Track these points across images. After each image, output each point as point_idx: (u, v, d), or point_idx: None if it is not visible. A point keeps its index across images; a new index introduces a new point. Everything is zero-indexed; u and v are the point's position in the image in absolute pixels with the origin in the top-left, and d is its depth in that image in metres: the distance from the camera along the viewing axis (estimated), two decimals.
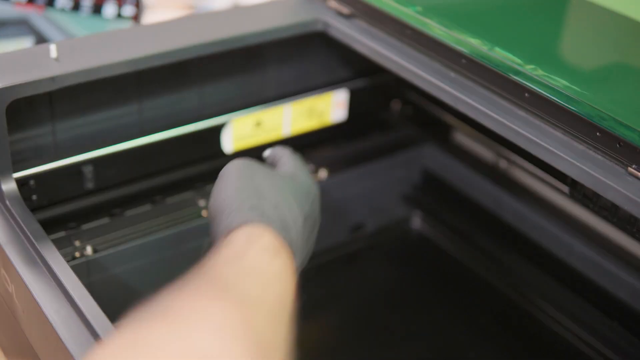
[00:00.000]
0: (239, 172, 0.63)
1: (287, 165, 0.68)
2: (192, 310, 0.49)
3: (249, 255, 0.56)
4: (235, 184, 0.61)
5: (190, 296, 0.50)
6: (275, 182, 0.63)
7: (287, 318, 0.56)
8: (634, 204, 0.56)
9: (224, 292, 0.52)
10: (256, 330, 0.51)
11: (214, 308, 0.50)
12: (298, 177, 0.67)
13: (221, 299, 0.51)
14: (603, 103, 0.64)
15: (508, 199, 0.96)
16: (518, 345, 0.89)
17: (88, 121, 0.79)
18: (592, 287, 0.88)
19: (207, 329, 0.48)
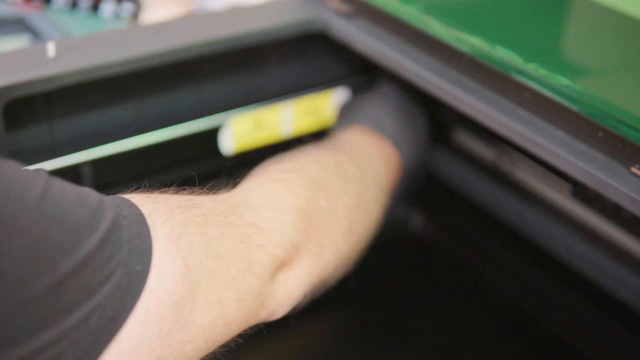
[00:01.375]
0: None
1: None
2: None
3: (363, 143, 0.77)
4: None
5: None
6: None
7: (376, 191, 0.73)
8: (637, 204, 0.56)
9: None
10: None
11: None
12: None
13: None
14: (605, 102, 0.64)
15: (509, 199, 0.96)
16: (519, 345, 0.89)
17: (86, 121, 0.79)
18: (593, 287, 0.87)
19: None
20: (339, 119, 0.86)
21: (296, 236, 0.60)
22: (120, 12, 0.93)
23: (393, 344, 0.88)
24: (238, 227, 0.56)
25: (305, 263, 0.61)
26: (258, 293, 0.57)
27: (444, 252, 1.01)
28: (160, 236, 0.50)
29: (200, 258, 0.51)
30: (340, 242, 0.65)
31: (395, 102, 0.83)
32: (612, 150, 0.59)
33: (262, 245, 0.57)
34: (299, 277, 0.61)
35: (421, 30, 0.74)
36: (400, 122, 0.81)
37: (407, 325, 0.90)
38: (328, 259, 0.64)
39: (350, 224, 0.67)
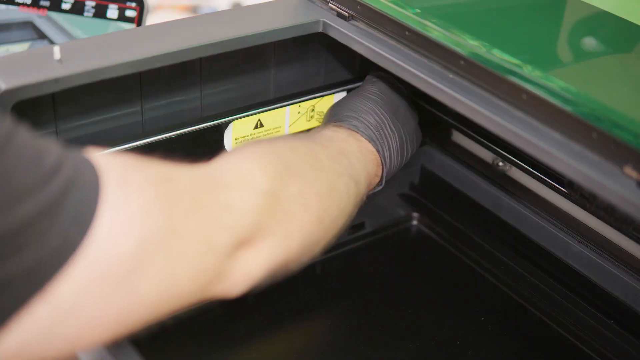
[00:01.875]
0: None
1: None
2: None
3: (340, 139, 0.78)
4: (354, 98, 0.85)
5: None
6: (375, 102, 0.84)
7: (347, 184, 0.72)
8: (630, 203, 0.56)
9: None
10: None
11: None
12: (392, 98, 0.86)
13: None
14: (599, 104, 0.65)
15: (506, 199, 0.97)
16: (516, 342, 0.89)
17: (91, 122, 0.80)
18: (589, 285, 0.88)
19: None
20: (324, 119, 0.88)
21: (263, 219, 0.60)
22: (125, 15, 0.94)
23: (393, 342, 0.88)
24: (207, 207, 0.56)
25: (268, 245, 0.61)
26: (215, 269, 0.57)
27: (442, 251, 1.02)
28: (118, 206, 0.49)
29: (159, 235, 0.51)
30: (308, 229, 0.65)
31: (379, 98, 0.84)
32: (605, 151, 0.59)
33: (227, 226, 0.57)
34: (260, 258, 0.61)
35: (419, 32, 0.75)
36: (383, 117, 0.83)
37: (407, 323, 0.91)
38: (293, 245, 0.64)
39: (320, 213, 0.67)
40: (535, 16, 0.83)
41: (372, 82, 0.87)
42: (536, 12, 0.84)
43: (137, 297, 0.51)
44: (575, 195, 0.86)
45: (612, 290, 0.86)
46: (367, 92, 0.85)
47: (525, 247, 0.95)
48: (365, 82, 0.88)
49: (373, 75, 0.88)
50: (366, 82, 0.88)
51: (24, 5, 0.93)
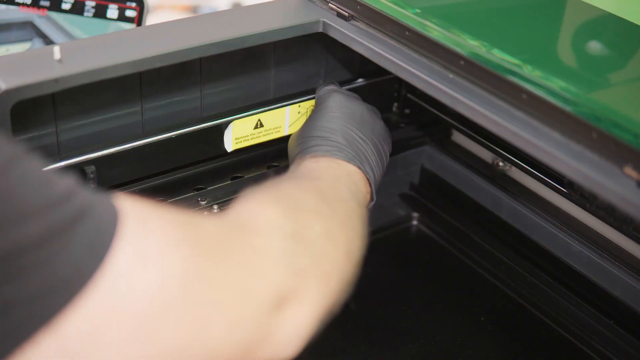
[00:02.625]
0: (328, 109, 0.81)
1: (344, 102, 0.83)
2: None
3: (332, 171, 0.75)
4: (326, 117, 0.80)
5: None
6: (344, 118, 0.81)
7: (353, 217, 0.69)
8: (630, 203, 0.56)
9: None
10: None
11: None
12: (357, 110, 0.82)
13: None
14: (599, 104, 0.65)
15: (506, 199, 0.97)
16: (516, 342, 0.90)
17: (91, 122, 0.80)
18: (589, 285, 0.88)
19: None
20: (290, 148, 0.83)
21: (299, 263, 0.57)
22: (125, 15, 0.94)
23: (393, 342, 0.88)
24: (236, 251, 0.53)
25: (312, 293, 0.57)
26: (256, 322, 0.52)
27: (442, 250, 1.02)
28: (137, 241, 0.46)
29: (183, 276, 0.48)
30: (342, 264, 0.62)
31: (339, 113, 0.81)
32: (605, 151, 0.59)
33: (262, 271, 0.53)
34: (307, 308, 0.56)
35: (419, 32, 0.75)
36: (351, 132, 0.79)
37: (407, 323, 0.91)
38: (334, 284, 0.60)
39: (346, 245, 0.64)
40: (535, 16, 0.83)
41: (327, 96, 0.83)
42: (536, 12, 0.84)
43: (159, 345, 0.47)
44: (575, 195, 0.86)
45: (612, 290, 0.86)
46: (327, 110, 0.81)
47: (525, 247, 0.95)
48: (320, 99, 0.84)
49: (325, 89, 0.85)
50: (321, 99, 0.84)
51: (24, 5, 0.93)
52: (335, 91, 0.84)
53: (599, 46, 0.79)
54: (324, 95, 0.84)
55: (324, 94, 0.84)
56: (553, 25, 0.83)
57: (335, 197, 0.70)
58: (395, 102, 1.04)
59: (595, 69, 0.75)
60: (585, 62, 0.77)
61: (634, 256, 0.85)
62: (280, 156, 0.93)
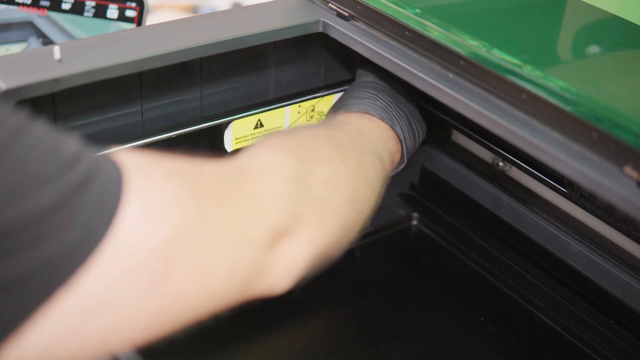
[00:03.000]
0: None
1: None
2: None
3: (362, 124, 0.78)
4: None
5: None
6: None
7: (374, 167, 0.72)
8: (629, 203, 0.56)
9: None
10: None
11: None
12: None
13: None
14: (599, 104, 0.65)
15: (506, 199, 0.97)
16: (515, 342, 0.90)
17: (91, 122, 0.80)
18: (589, 285, 0.88)
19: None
20: (329, 113, 0.88)
21: (295, 205, 0.59)
22: (125, 15, 0.94)
23: (393, 342, 0.88)
24: (235, 196, 0.55)
25: (307, 233, 0.59)
26: (252, 262, 0.55)
27: (442, 250, 1.02)
28: (143, 196, 0.48)
29: (189, 225, 0.50)
30: (343, 211, 0.64)
31: (379, 86, 0.85)
32: (605, 151, 0.60)
33: (259, 214, 0.56)
34: (301, 247, 0.59)
35: (419, 32, 0.75)
36: (388, 102, 0.83)
37: (407, 323, 0.91)
38: (331, 229, 0.62)
39: (352, 194, 0.66)
40: (535, 16, 0.83)
41: (367, 74, 0.87)
42: (536, 12, 0.84)
43: (170, 293, 0.49)
44: (575, 195, 0.86)
45: (612, 290, 0.86)
46: (366, 83, 0.85)
47: (525, 247, 0.95)
48: (361, 75, 0.88)
49: (365, 69, 0.88)
50: (361, 75, 0.88)
51: (24, 5, 0.93)
52: (374, 69, 0.86)
53: (599, 46, 0.79)
54: (364, 71, 0.87)
55: (364, 70, 0.88)
56: (553, 25, 0.83)
57: (351, 147, 0.70)
58: None
59: (595, 69, 0.75)
60: (586, 62, 0.77)
61: (634, 256, 0.85)
62: None
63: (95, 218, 0.46)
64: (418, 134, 0.85)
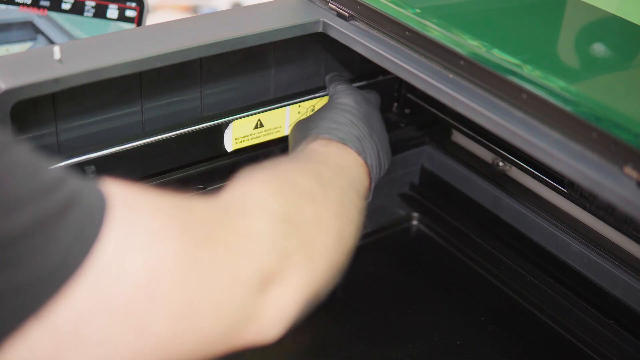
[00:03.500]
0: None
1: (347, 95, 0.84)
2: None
3: (331, 154, 0.75)
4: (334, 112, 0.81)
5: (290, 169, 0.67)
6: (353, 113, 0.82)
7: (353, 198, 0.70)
8: (629, 203, 0.56)
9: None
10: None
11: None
12: (359, 103, 0.84)
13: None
14: (599, 104, 0.65)
15: (506, 199, 0.97)
16: (515, 342, 0.90)
17: (91, 122, 0.80)
18: (589, 285, 0.88)
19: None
20: (294, 134, 0.84)
21: (284, 245, 0.57)
22: (125, 15, 0.94)
23: (393, 342, 0.88)
24: (224, 234, 0.53)
25: (296, 275, 0.57)
26: (241, 305, 0.52)
27: (442, 250, 1.02)
28: (125, 228, 0.46)
29: (171, 261, 0.47)
30: (330, 250, 0.62)
31: (355, 110, 0.82)
32: (605, 151, 0.60)
33: (249, 254, 0.53)
34: (290, 291, 0.56)
35: (419, 32, 0.75)
36: (362, 130, 0.80)
37: (407, 323, 0.91)
38: (320, 269, 0.60)
39: (337, 231, 0.64)
40: (535, 16, 0.83)
41: (344, 94, 0.84)
42: (536, 12, 0.84)
43: (149, 333, 0.47)
44: (575, 195, 0.86)
45: (612, 290, 0.86)
46: (343, 106, 0.82)
47: (525, 247, 0.95)
48: (337, 94, 0.85)
49: (342, 86, 0.86)
50: (338, 94, 0.85)
51: (24, 5, 0.93)
52: (355, 90, 0.85)
53: (599, 46, 0.79)
54: (342, 92, 0.85)
55: (342, 90, 0.85)
56: (553, 25, 0.83)
57: (334, 184, 0.69)
58: (395, 102, 1.04)
59: (595, 69, 0.75)
60: (586, 62, 0.77)
61: (634, 256, 0.85)
62: (280, 156, 0.94)
63: (74, 245, 0.44)
64: (383, 166, 0.83)
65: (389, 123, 1.04)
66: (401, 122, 1.04)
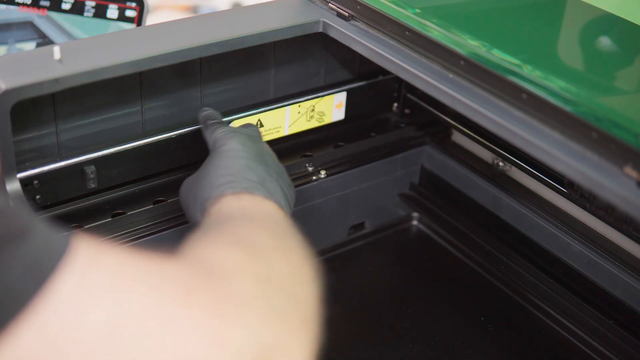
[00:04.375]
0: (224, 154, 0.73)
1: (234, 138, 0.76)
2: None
3: (252, 212, 0.66)
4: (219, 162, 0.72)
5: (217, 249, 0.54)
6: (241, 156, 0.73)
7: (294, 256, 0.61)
8: (629, 203, 0.56)
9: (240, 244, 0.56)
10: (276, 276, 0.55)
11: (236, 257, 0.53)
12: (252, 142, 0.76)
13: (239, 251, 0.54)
14: (599, 104, 0.65)
15: (506, 199, 0.97)
16: (516, 342, 0.90)
17: (91, 122, 0.80)
18: (589, 285, 0.88)
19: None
20: (188, 196, 0.74)
21: (277, 308, 0.51)
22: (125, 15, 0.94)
23: (393, 342, 0.88)
24: (205, 295, 0.47)
25: (298, 339, 0.52)
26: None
27: (442, 250, 1.02)
28: (85, 275, 0.42)
29: (141, 318, 0.43)
30: (311, 301, 0.56)
31: (241, 155, 0.73)
32: (605, 151, 0.60)
33: (240, 320, 0.47)
34: (297, 358, 0.51)
35: (419, 32, 0.75)
36: (256, 173, 0.71)
37: (407, 323, 0.91)
38: (313, 327, 0.55)
39: (309, 281, 0.58)
40: (535, 16, 0.83)
41: (228, 137, 0.75)
42: (536, 12, 0.84)
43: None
44: (575, 195, 0.86)
45: (612, 290, 0.86)
46: (231, 151, 0.73)
47: (525, 247, 0.95)
48: (220, 139, 0.75)
49: (221, 129, 0.77)
50: (221, 139, 0.75)
51: (24, 5, 0.93)
52: (236, 131, 0.77)
53: (600, 46, 0.79)
54: (224, 136, 0.75)
55: (224, 135, 0.76)
56: (553, 25, 0.83)
57: (285, 234, 0.63)
58: (395, 102, 1.04)
59: (595, 69, 0.75)
60: (585, 62, 0.77)
61: (634, 256, 0.85)
62: (280, 156, 0.93)
63: (23, 277, 0.40)
64: (291, 200, 0.75)
65: (389, 123, 1.04)
66: (401, 122, 1.04)
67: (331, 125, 0.98)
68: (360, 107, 1.00)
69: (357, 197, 1.00)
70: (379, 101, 1.03)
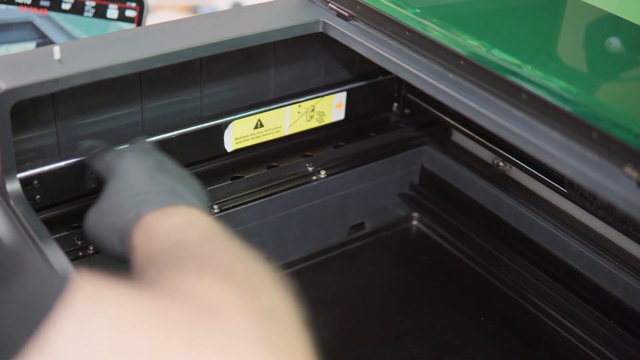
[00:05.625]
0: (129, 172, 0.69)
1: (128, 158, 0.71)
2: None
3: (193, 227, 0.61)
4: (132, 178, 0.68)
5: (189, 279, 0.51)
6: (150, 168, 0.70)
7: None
8: (629, 203, 0.56)
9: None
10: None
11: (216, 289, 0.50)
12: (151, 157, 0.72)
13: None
14: (599, 104, 0.65)
15: (506, 199, 0.97)
16: (516, 342, 0.89)
17: (91, 122, 0.80)
18: (589, 285, 0.88)
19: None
20: (100, 231, 0.69)
21: (279, 342, 0.49)
22: (125, 15, 0.94)
23: (393, 342, 0.88)
24: (208, 333, 0.45)
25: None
26: None
27: (441, 250, 1.02)
28: (87, 312, 0.41)
29: (145, 358, 0.42)
30: (300, 325, 0.54)
31: (141, 170, 0.69)
32: (605, 151, 0.60)
33: (239, 355, 0.45)
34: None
35: (419, 32, 0.75)
36: (162, 184, 0.68)
37: (407, 323, 0.91)
38: (308, 350, 0.53)
39: (289, 301, 0.55)
40: (535, 16, 0.83)
41: (121, 157, 0.71)
42: (536, 12, 0.84)
43: None
44: (575, 195, 0.86)
45: (612, 290, 0.86)
46: (128, 170, 0.69)
47: (525, 247, 0.95)
48: (113, 162, 0.71)
49: (108, 152, 0.73)
50: (114, 162, 0.71)
51: (24, 5, 0.93)
52: (123, 150, 0.73)
53: (599, 46, 0.79)
54: (116, 158, 0.71)
55: (115, 156, 0.71)
56: (553, 25, 0.83)
57: (233, 246, 0.59)
58: (395, 102, 1.04)
59: (595, 69, 0.75)
60: (585, 62, 0.77)
61: (634, 256, 0.85)
62: (280, 156, 0.94)
63: (19, 317, 0.39)
64: (206, 202, 0.72)
65: (389, 123, 1.04)
66: (401, 122, 1.04)
67: (331, 125, 0.98)
68: (360, 107, 1.00)
69: (357, 197, 1.00)
70: (379, 101, 1.03)
